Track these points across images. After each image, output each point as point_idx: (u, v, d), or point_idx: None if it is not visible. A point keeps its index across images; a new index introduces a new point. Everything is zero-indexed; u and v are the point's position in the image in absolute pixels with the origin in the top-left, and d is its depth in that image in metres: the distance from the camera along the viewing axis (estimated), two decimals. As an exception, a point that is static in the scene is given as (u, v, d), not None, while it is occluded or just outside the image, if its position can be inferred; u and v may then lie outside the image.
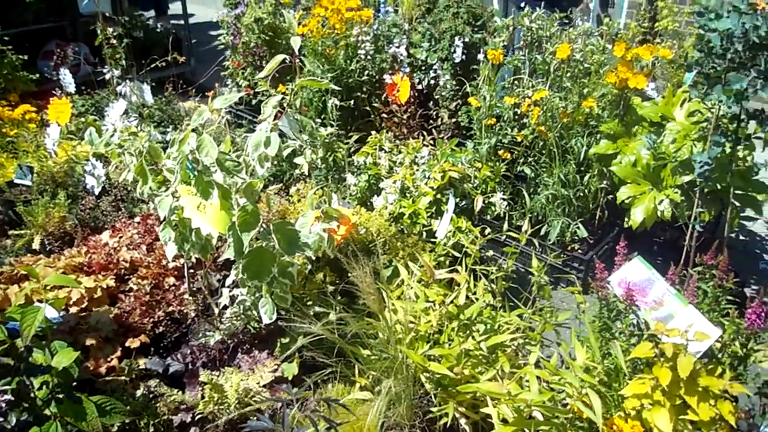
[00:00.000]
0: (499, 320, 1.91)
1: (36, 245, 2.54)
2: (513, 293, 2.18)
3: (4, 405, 1.28)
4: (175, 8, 6.77)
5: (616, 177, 2.78)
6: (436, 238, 2.42)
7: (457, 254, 2.32)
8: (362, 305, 1.95)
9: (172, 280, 2.46)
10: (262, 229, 1.53)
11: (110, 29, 3.63)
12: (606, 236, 2.98)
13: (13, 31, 4.41)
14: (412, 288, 2.03)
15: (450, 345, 1.80)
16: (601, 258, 2.74)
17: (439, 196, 2.49)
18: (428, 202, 2.47)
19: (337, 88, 2.02)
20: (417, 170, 2.64)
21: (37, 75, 4.02)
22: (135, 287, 2.41)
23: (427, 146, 2.85)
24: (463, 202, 2.66)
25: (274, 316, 1.75)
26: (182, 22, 5.58)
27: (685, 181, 2.55)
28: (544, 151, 2.96)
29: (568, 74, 3.06)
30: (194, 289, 2.37)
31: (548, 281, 2.12)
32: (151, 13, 6.37)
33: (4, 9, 4.67)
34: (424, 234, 2.48)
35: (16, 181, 2.81)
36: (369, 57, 3.71)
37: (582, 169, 2.94)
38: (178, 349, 2.22)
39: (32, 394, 1.36)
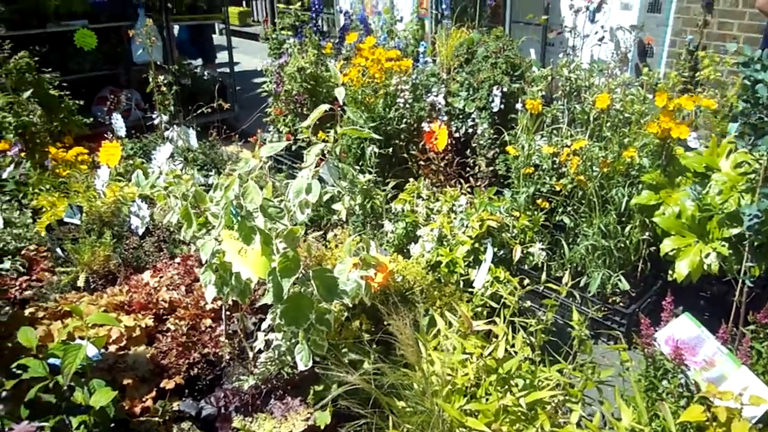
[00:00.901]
0: (539, 375, 1.85)
1: (81, 282, 2.60)
2: (552, 347, 2.12)
3: (41, 444, 1.29)
4: (222, 57, 7.07)
5: (659, 228, 2.72)
6: (473, 287, 2.39)
7: (494, 305, 2.28)
8: (398, 355, 1.93)
9: (208, 321, 2.47)
10: (300, 275, 1.54)
11: (161, 77, 3.80)
12: (649, 289, 2.89)
13: (72, 77, 4.65)
14: (449, 339, 2.00)
15: (488, 400, 1.75)
16: (643, 312, 2.66)
17: (476, 245, 2.47)
18: (466, 251, 2.45)
19: (377, 136, 2.05)
20: (455, 218, 2.63)
21: (91, 119, 4.21)
22: (173, 327, 2.43)
23: (465, 195, 2.85)
24: (501, 252, 2.63)
25: (310, 363, 1.74)
26: (228, 70, 5.81)
27: (733, 234, 2.48)
28: (583, 201, 2.92)
29: (608, 124, 3.04)
30: (230, 331, 2.38)
31: (589, 335, 2.05)
32: (199, 61, 6.66)
33: (64, 58, 4.95)
34: (462, 283, 2.45)
35: (66, 219, 2.90)
36: (407, 105, 3.77)
37: (623, 219, 2.89)
38: (212, 392, 2.21)
39: (70, 434, 1.37)
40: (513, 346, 2.02)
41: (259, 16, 11.45)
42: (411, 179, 3.27)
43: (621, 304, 2.79)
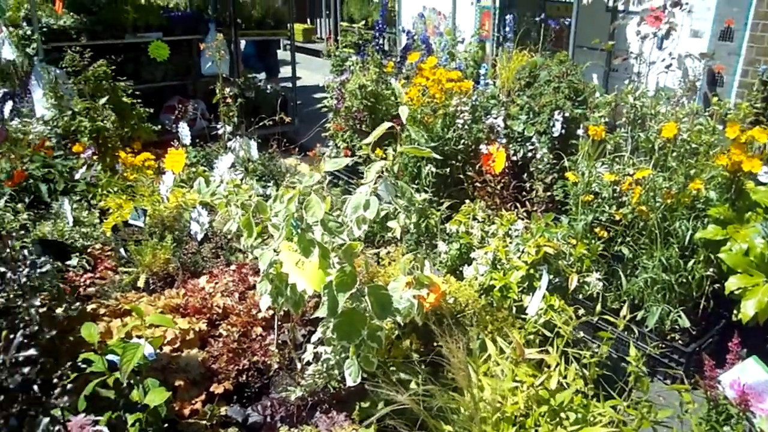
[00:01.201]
0: (592, 410, 1.79)
1: (141, 283, 2.69)
2: (606, 381, 2.05)
3: (98, 438, 1.34)
4: (284, 71, 7.25)
5: (724, 265, 2.60)
6: (526, 314, 2.34)
7: (548, 333, 2.23)
8: (446, 376, 1.90)
9: (259, 330, 2.51)
10: (355, 291, 1.54)
11: (227, 89, 3.93)
12: (711, 328, 2.76)
13: (143, 86, 4.87)
14: (499, 365, 1.96)
15: (537, 431, 1.70)
16: (704, 352, 2.54)
17: (532, 271, 2.42)
18: (520, 277, 2.41)
19: (437, 156, 2.06)
20: (510, 243, 2.59)
21: (159, 126, 4.39)
22: (224, 333, 2.48)
23: (522, 219, 2.81)
24: (557, 280, 2.57)
25: (359, 379, 1.74)
26: (290, 84, 5.95)
27: (807, 277, 2.35)
28: (644, 232, 2.83)
29: (674, 154, 2.95)
30: (279, 341, 2.41)
31: (645, 372, 1.97)
32: (262, 75, 6.85)
33: (138, 67, 5.20)
34: (514, 309, 2.41)
35: (131, 221, 3.02)
36: (466, 126, 3.76)
37: (685, 253, 2.78)
38: (259, 400, 2.24)
39: (126, 430, 1.41)
40: (565, 377, 1.96)
41: (322, 33, 11.71)
42: (467, 200, 3.25)
43: (680, 341, 2.68)
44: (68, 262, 2.74)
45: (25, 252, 1.22)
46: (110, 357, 1.92)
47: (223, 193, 3.34)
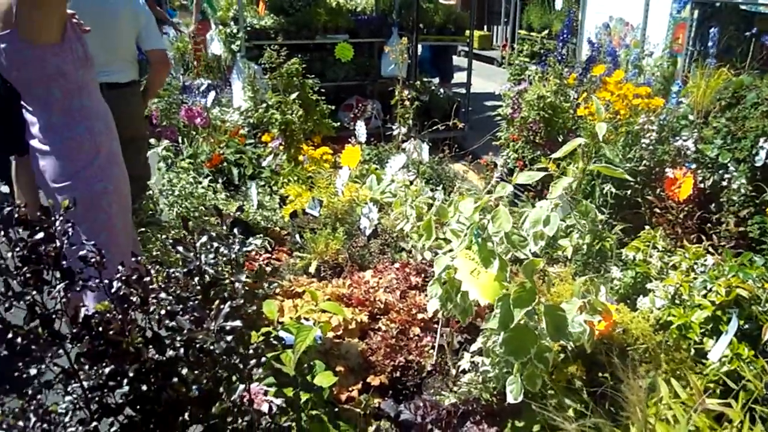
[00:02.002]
0: (785, 481, 1.57)
1: (312, 269, 2.87)
2: (802, 452, 1.79)
3: (275, 408, 1.44)
4: (458, 77, 7.31)
5: None
6: (706, 359, 2.12)
7: (732, 385, 2.00)
8: (609, 410, 1.79)
9: (417, 330, 2.56)
10: (530, 308, 1.51)
11: (405, 92, 4.05)
12: None
13: (326, 84, 5.20)
14: (671, 410, 1.80)
15: (715, 491, 1.53)
16: None
17: (719, 313, 2.19)
18: (704, 318, 2.18)
19: (629, 178, 1.93)
20: (695, 278, 2.36)
21: (338, 123, 4.65)
22: (383, 328, 2.56)
23: (712, 255, 2.55)
24: (746, 326, 2.29)
25: (520, 397, 1.70)
26: (464, 90, 5.98)
27: None
28: None
29: None
30: (437, 345, 2.43)
31: None
32: (436, 80, 6.97)
33: (323, 66, 5.56)
34: (693, 351, 2.19)
35: (307, 210, 3.24)
36: (650, 147, 3.50)
37: None
38: (412, 399, 2.28)
39: (299, 406, 1.51)
40: (752, 438, 1.74)
41: (498, 40, 11.62)
42: (644, 226, 3.03)
43: None
44: (253, 241, 3.00)
45: (235, 230, 1.34)
46: (282, 334, 2.08)
47: (393, 191, 3.46)
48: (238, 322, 1.16)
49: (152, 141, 3.82)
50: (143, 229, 3.16)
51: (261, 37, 5.39)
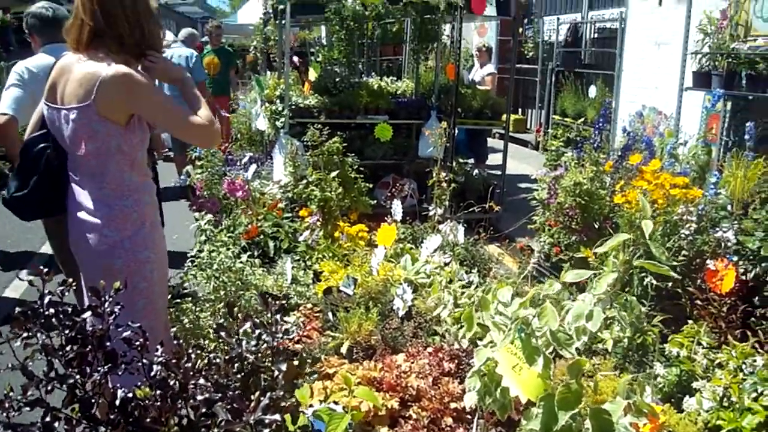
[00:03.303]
0: None
1: (344, 350, 2.83)
2: None
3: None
4: (493, 159, 7.41)
5: None
6: (760, 469, 1.99)
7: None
8: None
9: (449, 420, 2.46)
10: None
11: (442, 173, 4.11)
12: None
13: (365, 162, 5.33)
14: None
15: None
16: None
17: (772, 419, 2.07)
18: (757, 423, 2.07)
19: (675, 275, 1.89)
20: (744, 380, 2.26)
21: (374, 201, 4.72)
22: (414, 416, 2.47)
23: (760, 354, 2.44)
24: (802, 435, 2.16)
25: (560, 505, 1.60)
26: (498, 172, 6.05)
27: None
28: None
29: None
30: (470, 437, 2.34)
31: None
32: (470, 160, 7.08)
33: (363, 145, 5.72)
34: (745, 459, 2.06)
35: (342, 288, 3.23)
36: (690, 237, 3.45)
37: None
38: (442, 495, 2.17)
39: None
40: None
41: (531, 124, 11.83)
42: (687, 319, 2.94)
43: None
44: (287, 319, 3.00)
45: (278, 317, 1.35)
46: (314, 420, 2.03)
47: (427, 272, 3.44)
48: (277, 416, 1.14)
49: (195, 214, 3.93)
50: (178, 301, 3.19)
51: (304, 115, 5.60)
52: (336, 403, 2.31)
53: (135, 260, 2.22)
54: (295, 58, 9.37)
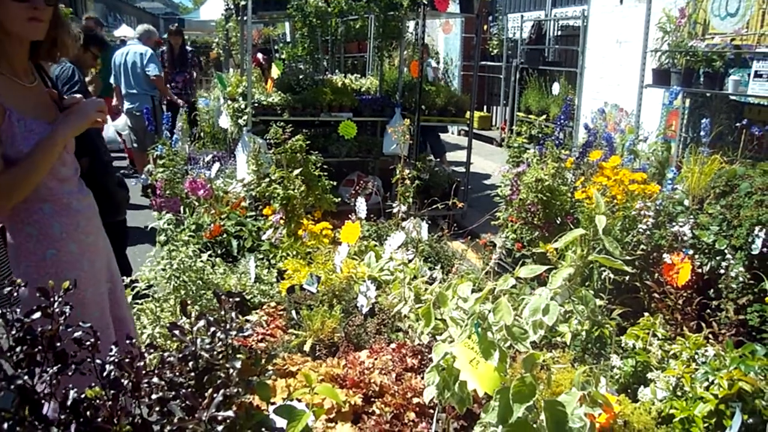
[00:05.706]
0: None
1: (307, 347, 2.82)
2: None
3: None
4: (456, 156, 7.46)
5: None
6: (711, 455, 2.06)
7: (738, 485, 1.93)
8: None
9: (412, 415, 2.48)
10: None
11: (406, 171, 4.12)
12: None
13: (329, 160, 5.31)
14: None
15: None
16: None
17: (722, 406, 2.14)
18: (707, 411, 2.13)
19: (628, 269, 1.94)
20: (696, 369, 2.33)
21: (338, 198, 4.71)
22: (378, 412, 2.48)
23: (713, 344, 2.52)
24: (750, 420, 2.23)
25: (519, 496, 1.62)
26: (463, 169, 6.10)
27: None
28: None
29: None
30: (433, 431, 2.36)
31: None
32: (430, 156, 7.12)
33: (327, 143, 5.69)
34: (697, 446, 2.13)
35: (305, 286, 3.22)
36: (648, 232, 3.54)
37: None
38: (405, 491, 2.19)
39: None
40: None
41: (497, 121, 11.96)
42: (642, 312, 3.01)
43: None
44: (248, 317, 2.97)
45: (233, 314, 1.33)
46: (273, 416, 2.01)
47: (391, 269, 3.45)
48: (230, 413, 1.13)
49: (154, 214, 3.85)
50: (139, 302, 3.13)
51: (267, 113, 5.55)
52: (299, 400, 2.30)
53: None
54: (260, 55, 9.28)
